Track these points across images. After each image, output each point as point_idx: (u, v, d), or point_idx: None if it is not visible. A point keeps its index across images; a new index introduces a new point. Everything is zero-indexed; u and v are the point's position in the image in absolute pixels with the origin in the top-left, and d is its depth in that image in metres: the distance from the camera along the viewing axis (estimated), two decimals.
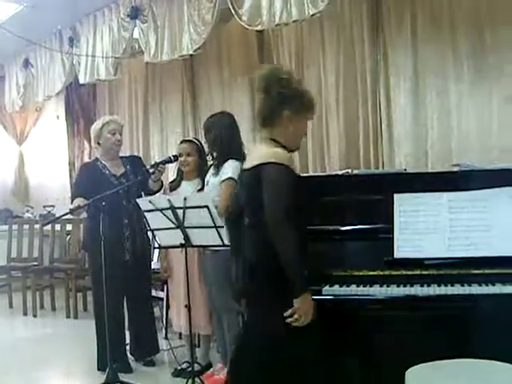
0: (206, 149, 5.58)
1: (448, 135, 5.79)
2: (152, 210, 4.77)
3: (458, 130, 5.69)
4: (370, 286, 4.15)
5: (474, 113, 5.60)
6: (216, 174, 5.36)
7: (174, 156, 5.66)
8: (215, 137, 5.41)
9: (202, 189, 5.72)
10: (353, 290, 4.15)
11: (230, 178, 5.20)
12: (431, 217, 3.91)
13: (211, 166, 5.56)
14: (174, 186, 5.93)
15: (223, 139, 5.39)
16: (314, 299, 4.20)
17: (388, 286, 4.03)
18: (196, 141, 5.97)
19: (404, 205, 4.00)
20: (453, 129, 5.75)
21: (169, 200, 4.68)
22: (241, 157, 5.32)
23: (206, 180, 5.54)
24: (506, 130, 5.41)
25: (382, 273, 4.18)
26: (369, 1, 6.27)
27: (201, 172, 5.80)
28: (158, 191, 5.86)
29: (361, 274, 4.31)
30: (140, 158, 6.50)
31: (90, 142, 10.46)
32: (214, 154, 5.47)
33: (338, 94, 6.55)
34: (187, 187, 5.82)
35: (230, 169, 5.25)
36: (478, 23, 5.55)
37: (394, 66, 6.16)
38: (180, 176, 5.93)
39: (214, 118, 5.60)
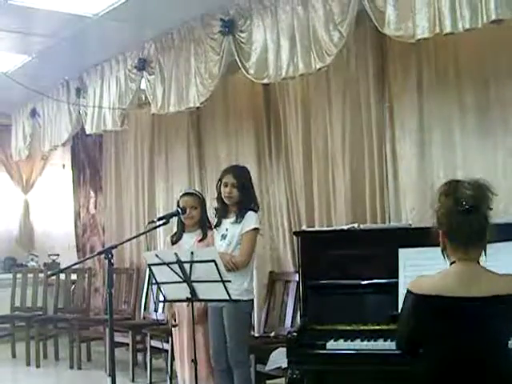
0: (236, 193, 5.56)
1: None
2: (158, 264, 4.77)
3: None
4: (375, 341, 4.16)
5: (480, 166, 5.59)
6: (236, 223, 5.43)
7: (181, 209, 5.66)
8: (242, 185, 5.48)
9: (202, 239, 5.78)
10: (357, 344, 4.17)
11: (257, 229, 5.44)
12: (436, 272, 3.89)
13: (220, 215, 5.60)
14: (176, 239, 5.95)
15: (246, 190, 5.47)
16: (319, 353, 4.23)
17: (392, 341, 4.04)
18: (197, 193, 6.03)
19: (409, 259, 4.00)
20: None
21: (176, 254, 4.68)
22: (258, 209, 5.48)
23: (225, 228, 5.55)
24: None
25: (387, 327, 4.20)
26: (374, 54, 6.30)
27: (202, 224, 5.85)
28: None
29: (366, 328, 4.32)
30: None
31: (95, 191, 10.52)
32: (229, 202, 5.52)
33: (344, 146, 6.56)
34: (189, 239, 5.86)
35: (254, 219, 5.45)
36: (483, 76, 5.57)
37: (400, 119, 6.17)
38: (181, 229, 5.95)
39: (237, 168, 5.74)
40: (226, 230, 5.50)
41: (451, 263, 3.16)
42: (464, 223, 3.06)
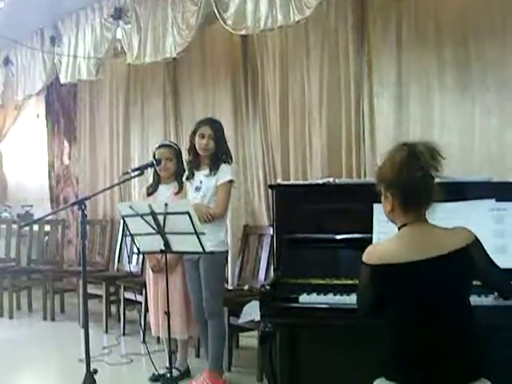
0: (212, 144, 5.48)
1: None
2: (132, 215, 4.73)
3: (440, 141, 5.64)
4: (348, 295, 4.16)
5: (457, 123, 5.59)
6: (211, 175, 5.38)
7: (156, 160, 5.61)
8: (219, 138, 5.45)
9: (178, 192, 5.74)
10: (329, 298, 4.17)
11: (232, 181, 5.43)
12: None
13: (191, 167, 5.54)
14: (152, 190, 5.91)
15: (221, 143, 5.46)
16: (291, 307, 4.23)
17: None
18: (174, 145, 5.98)
19: (383, 215, 3.99)
20: (435, 139, 5.71)
21: (149, 205, 4.64)
22: (231, 162, 5.51)
23: (199, 180, 5.49)
24: (488, 142, 5.40)
25: None
26: (354, 8, 6.23)
27: (178, 176, 5.81)
28: None
29: (339, 282, 4.32)
30: None
31: (70, 142, 10.41)
32: (204, 154, 5.45)
33: (322, 100, 6.51)
34: (165, 191, 5.82)
35: (229, 171, 5.42)
36: (463, 33, 5.54)
37: (378, 74, 6.13)
38: (157, 180, 5.91)
39: (214, 120, 5.67)
40: (200, 182, 5.45)
41: (401, 226, 3.11)
42: (420, 184, 3.03)
